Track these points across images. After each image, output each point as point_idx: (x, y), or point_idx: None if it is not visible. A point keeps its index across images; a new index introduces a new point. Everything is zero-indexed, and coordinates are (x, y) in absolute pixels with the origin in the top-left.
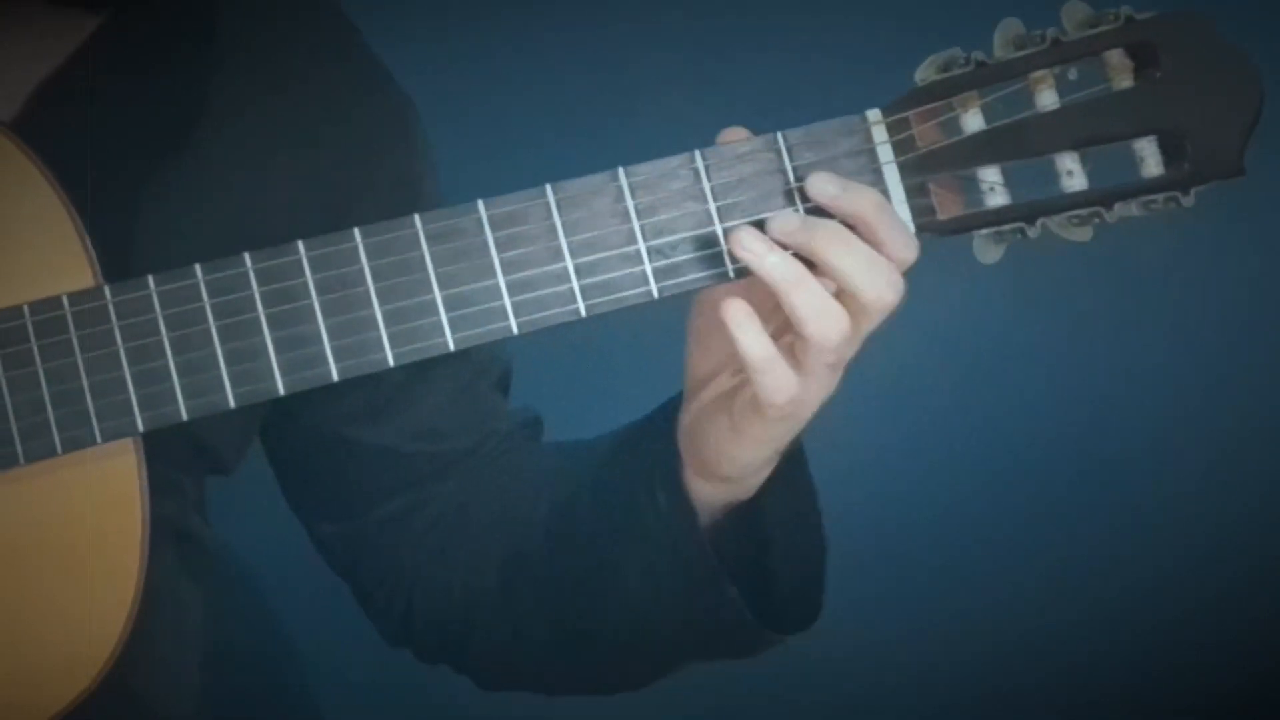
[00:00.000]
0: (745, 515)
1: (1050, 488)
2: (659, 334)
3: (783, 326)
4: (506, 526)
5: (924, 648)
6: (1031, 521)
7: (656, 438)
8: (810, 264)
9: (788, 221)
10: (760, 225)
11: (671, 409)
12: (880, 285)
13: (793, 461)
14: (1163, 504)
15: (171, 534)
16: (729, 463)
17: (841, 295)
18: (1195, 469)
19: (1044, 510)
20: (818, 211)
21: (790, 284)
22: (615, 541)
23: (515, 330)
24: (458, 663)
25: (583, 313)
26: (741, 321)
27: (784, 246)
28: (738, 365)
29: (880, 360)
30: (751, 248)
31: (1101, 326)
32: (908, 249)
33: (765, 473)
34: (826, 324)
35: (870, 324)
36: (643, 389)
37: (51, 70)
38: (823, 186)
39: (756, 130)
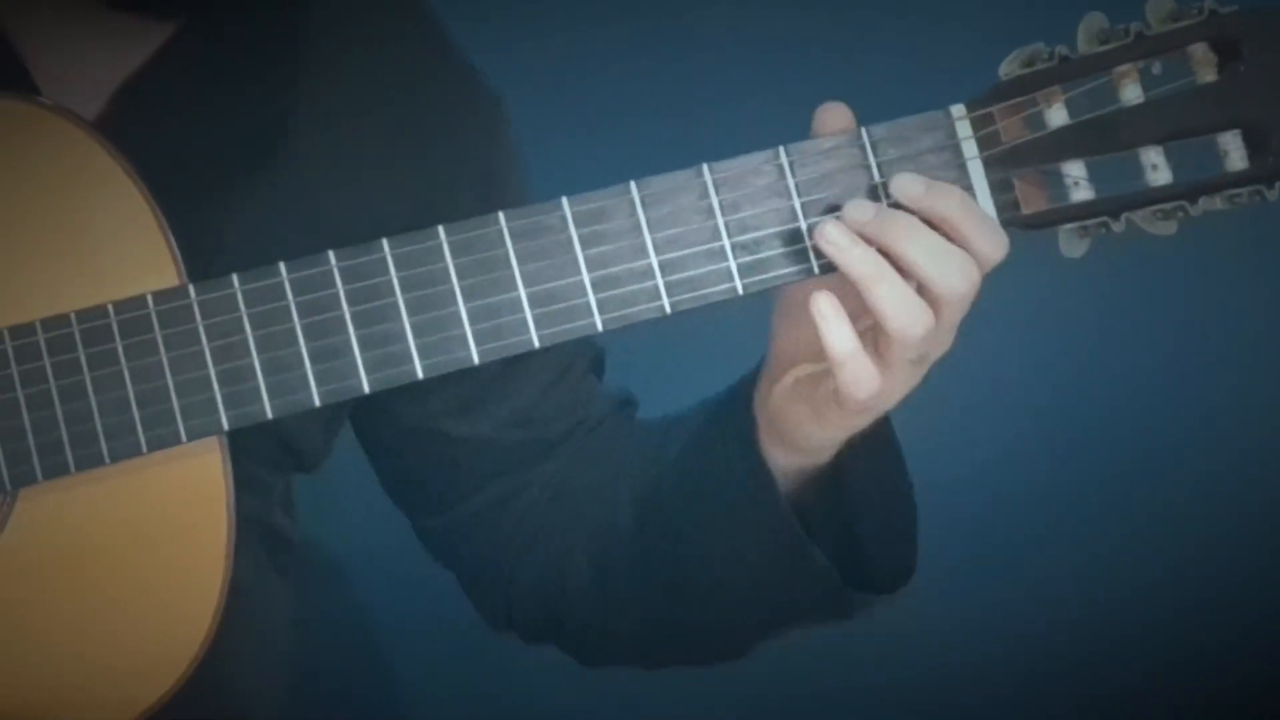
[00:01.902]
0: (829, 478)
1: (1118, 477)
2: (754, 309)
3: (869, 321)
4: (596, 505)
5: (988, 629)
6: (1097, 506)
7: (735, 410)
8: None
9: (863, 210)
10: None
11: (749, 381)
12: (951, 275)
13: (878, 428)
14: (1228, 493)
15: (257, 530)
16: (805, 440)
17: (921, 290)
18: (1266, 461)
19: (1113, 497)
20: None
21: (872, 278)
22: (699, 513)
23: (600, 327)
24: (560, 641)
25: (667, 309)
26: (828, 315)
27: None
28: (822, 352)
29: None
30: (835, 240)
31: (1174, 317)
32: (996, 247)
33: (839, 446)
34: (908, 319)
35: (952, 316)
36: (737, 363)
37: (134, 69)
38: (907, 187)
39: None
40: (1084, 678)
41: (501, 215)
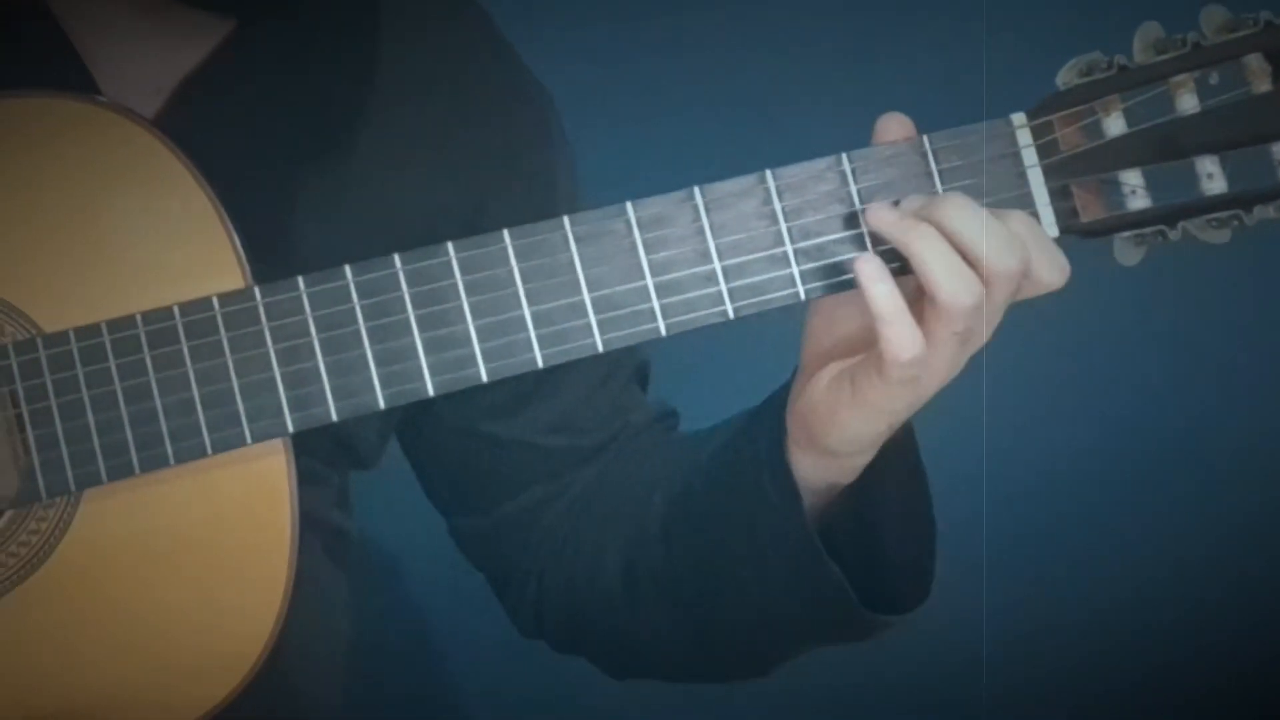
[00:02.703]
0: (853, 497)
1: (1168, 483)
2: (798, 325)
3: (912, 296)
4: (629, 513)
5: (1031, 635)
6: (1148, 512)
7: (764, 423)
8: None
9: (912, 202)
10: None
11: (781, 394)
12: (1001, 250)
13: (901, 442)
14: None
15: (316, 527)
16: (840, 432)
17: (969, 261)
18: None
19: (1161, 503)
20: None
21: (924, 244)
22: (725, 527)
23: (663, 332)
24: (588, 651)
25: (730, 314)
26: (873, 274)
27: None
28: (856, 348)
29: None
30: (883, 215)
31: (1233, 323)
32: (1057, 273)
33: (869, 454)
34: (959, 285)
35: (1000, 294)
36: (779, 380)
37: (194, 67)
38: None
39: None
40: (1107, 678)
41: (566, 219)
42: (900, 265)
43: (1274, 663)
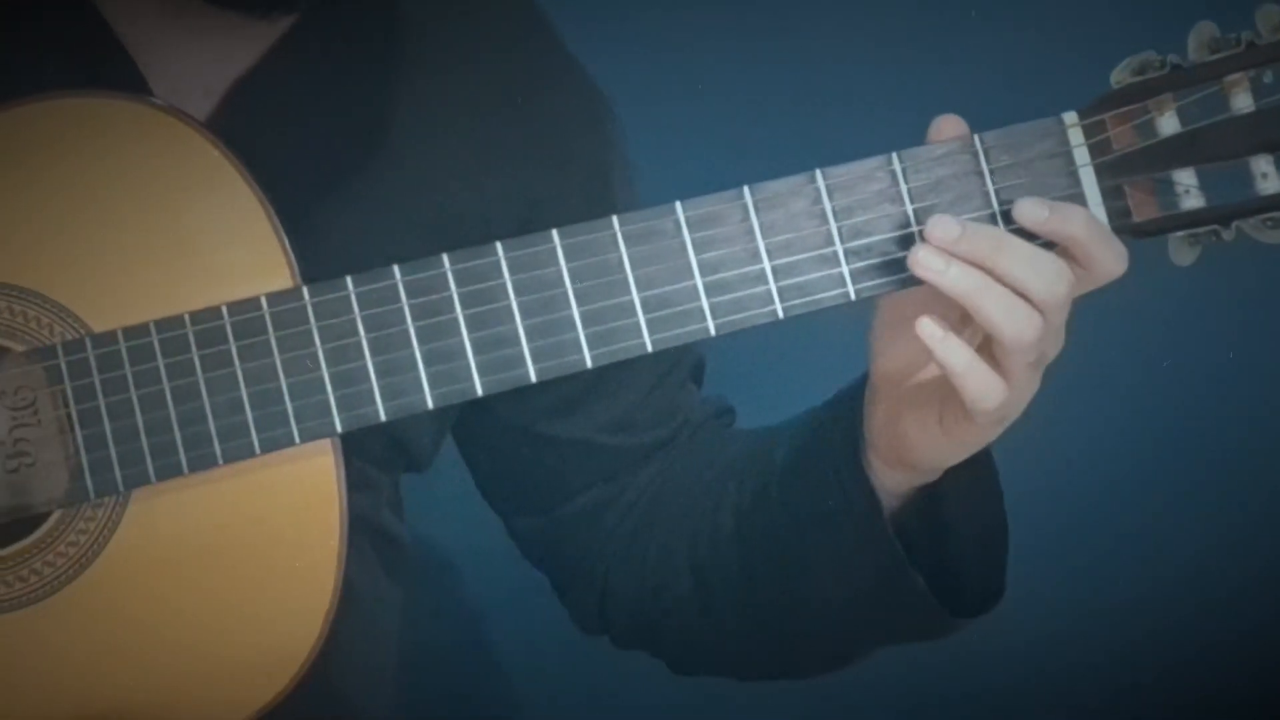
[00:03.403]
0: (928, 501)
1: (1232, 488)
2: (849, 322)
3: (978, 330)
4: (696, 514)
5: (1093, 636)
6: (1216, 519)
7: (841, 426)
8: None
9: (947, 229)
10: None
11: (854, 396)
12: (1049, 278)
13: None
14: None
15: (366, 530)
16: (932, 459)
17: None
18: None
19: (1227, 507)
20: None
21: (976, 293)
22: (802, 528)
23: (713, 332)
24: (652, 648)
25: (780, 314)
26: (936, 335)
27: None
28: (928, 359)
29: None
30: (930, 264)
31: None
32: (1118, 262)
33: (948, 465)
34: (1019, 325)
35: (1056, 318)
36: (831, 377)
37: (245, 69)
38: (1031, 211)
39: None
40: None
41: (615, 219)
42: None
43: None
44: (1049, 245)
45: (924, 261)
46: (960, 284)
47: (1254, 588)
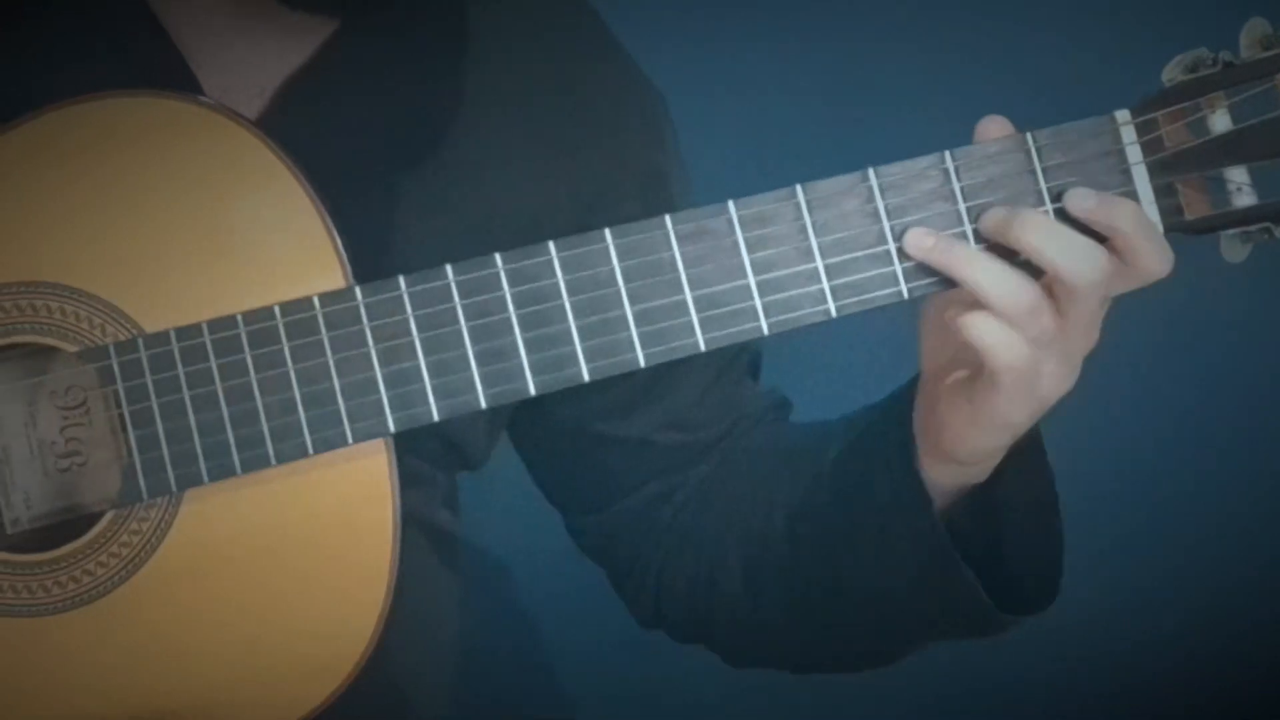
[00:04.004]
0: (981, 497)
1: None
2: (905, 317)
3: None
4: (749, 507)
5: (1142, 637)
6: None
7: (893, 423)
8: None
9: (993, 216)
10: None
11: (908, 394)
12: (1078, 261)
13: (1029, 444)
14: None
15: (421, 528)
16: (965, 447)
17: (1054, 282)
18: None
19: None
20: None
21: (959, 259)
22: (853, 524)
23: (765, 331)
24: (707, 640)
25: (833, 313)
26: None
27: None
28: (972, 358)
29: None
30: (919, 241)
31: None
32: (1163, 262)
33: (998, 458)
34: (1006, 291)
35: (1087, 304)
36: (888, 370)
37: (297, 68)
38: (1079, 201)
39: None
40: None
41: (668, 218)
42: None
43: None
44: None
45: (913, 243)
46: (945, 256)
47: None
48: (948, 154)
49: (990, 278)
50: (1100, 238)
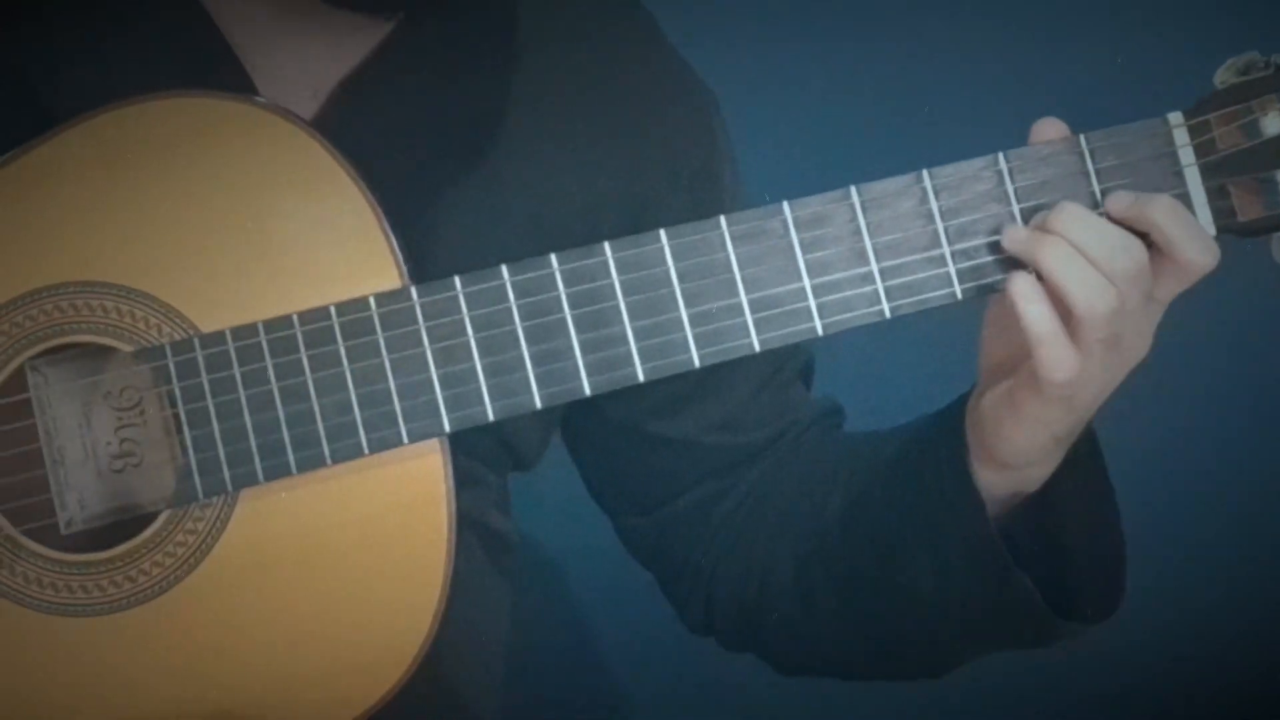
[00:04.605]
0: (1039, 506)
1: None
2: (963, 324)
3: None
4: (801, 515)
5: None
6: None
7: (947, 430)
8: None
9: (1040, 215)
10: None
11: (964, 402)
12: (1118, 256)
13: (1086, 450)
14: None
15: (475, 527)
16: (1007, 445)
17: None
18: None
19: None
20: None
21: (1054, 257)
22: (906, 531)
23: (820, 332)
24: (758, 649)
25: (887, 314)
26: (1027, 293)
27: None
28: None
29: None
30: (1015, 236)
31: None
32: (1203, 252)
33: (1048, 464)
34: (1091, 293)
35: (1132, 294)
36: (944, 380)
37: (352, 69)
38: (1117, 203)
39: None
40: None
41: (723, 219)
42: None
43: None
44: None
45: (1012, 235)
46: (1036, 248)
47: None
48: (1001, 156)
49: (1073, 274)
50: (1145, 239)
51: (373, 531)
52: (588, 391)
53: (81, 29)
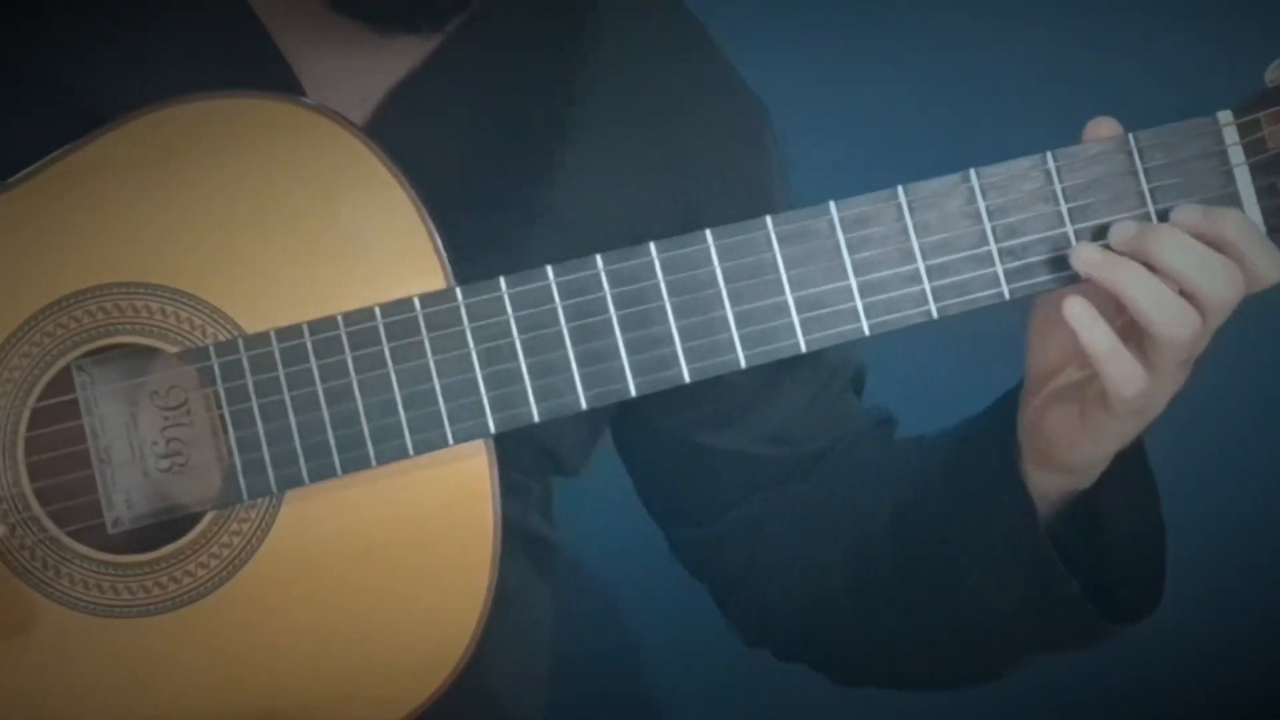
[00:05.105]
0: (1083, 506)
1: None
2: (1008, 329)
3: (1129, 322)
4: (854, 523)
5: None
6: None
7: (997, 431)
8: None
9: (1125, 231)
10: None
11: (1011, 402)
12: (1218, 281)
13: (1130, 451)
14: None
15: (517, 533)
16: (1075, 455)
17: (1186, 296)
18: None
19: None
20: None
21: (1134, 288)
22: (957, 534)
23: (867, 331)
24: (812, 659)
25: (934, 314)
26: (1083, 319)
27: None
28: (1082, 359)
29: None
30: (1090, 258)
31: None
32: (1275, 268)
33: (1101, 467)
34: (1173, 320)
35: (1216, 321)
36: (991, 383)
37: (401, 77)
38: (1186, 216)
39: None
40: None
41: (769, 219)
42: None
43: None
44: None
45: (1085, 256)
46: (1115, 274)
47: None
48: (1049, 155)
49: (1155, 303)
50: None
51: (417, 533)
52: (633, 392)
53: (132, 30)
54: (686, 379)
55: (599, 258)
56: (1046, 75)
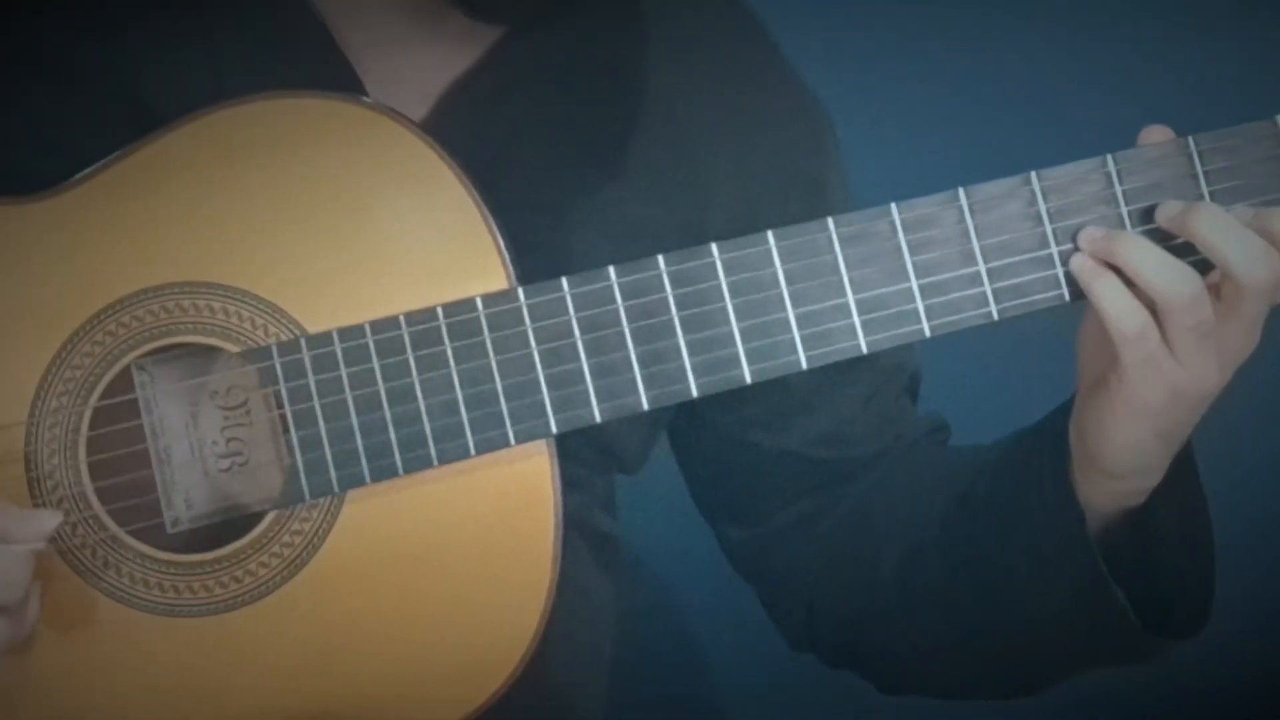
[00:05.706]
0: (1134, 520)
1: None
2: (1066, 342)
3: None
4: (904, 529)
5: None
6: None
7: (1049, 440)
8: None
9: (1169, 207)
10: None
11: (1063, 412)
12: (1255, 261)
13: (1182, 466)
14: None
15: (580, 529)
16: (1110, 444)
17: (1224, 280)
18: None
19: None
20: None
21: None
22: (1007, 543)
23: (927, 333)
24: (858, 666)
25: (995, 316)
26: (1089, 269)
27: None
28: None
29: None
30: (1088, 232)
31: None
32: None
33: (1153, 475)
34: (1255, 261)
35: (1254, 307)
36: (1050, 393)
37: (463, 71)
38: (1239, 214)
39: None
40: None
41: (830, 221)
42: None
43: None
44: None
45: (1089, 233)
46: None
47: None
48: (1110, 157)
49: (1152, 262)
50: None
51: (479, 533)
52: (695, 393)
53: (193, 30)
54: (748, 380)
55: (661, 258)
56: (1106, 77)
